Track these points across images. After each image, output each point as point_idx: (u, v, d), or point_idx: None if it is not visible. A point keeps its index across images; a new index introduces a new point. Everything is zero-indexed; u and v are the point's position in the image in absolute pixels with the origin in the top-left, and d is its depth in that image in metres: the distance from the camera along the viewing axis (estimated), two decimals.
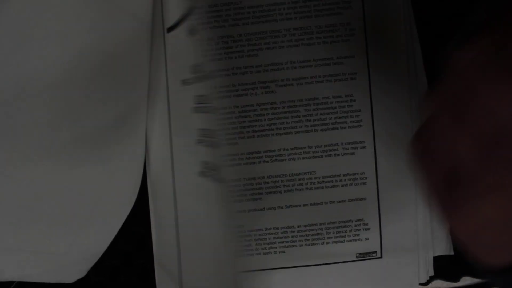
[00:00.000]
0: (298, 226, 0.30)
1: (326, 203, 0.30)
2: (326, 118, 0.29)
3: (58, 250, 0.28)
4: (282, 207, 0.30)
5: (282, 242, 0.30)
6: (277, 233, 0.30)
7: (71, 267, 0.29)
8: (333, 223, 0.30)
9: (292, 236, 0.30)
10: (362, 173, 0.29)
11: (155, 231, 0.30)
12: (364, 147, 0.29)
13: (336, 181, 0.29)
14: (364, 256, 0.29)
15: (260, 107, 0.29)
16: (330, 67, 0.29)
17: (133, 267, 0.31)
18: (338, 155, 0.29)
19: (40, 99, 0.24)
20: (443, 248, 0.31)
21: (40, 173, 0.25)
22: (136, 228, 0.30)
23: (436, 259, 0.30)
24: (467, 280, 0.31)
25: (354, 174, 0.29)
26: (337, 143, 0.29)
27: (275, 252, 0.30)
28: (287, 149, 0.29)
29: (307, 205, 0.30)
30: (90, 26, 0.24)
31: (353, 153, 0.29)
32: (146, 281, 0.31)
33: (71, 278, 0.29)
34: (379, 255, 0.30)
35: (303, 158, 0.29)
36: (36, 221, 0.26)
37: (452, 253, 0.31)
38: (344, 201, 0.30)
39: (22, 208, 0.26)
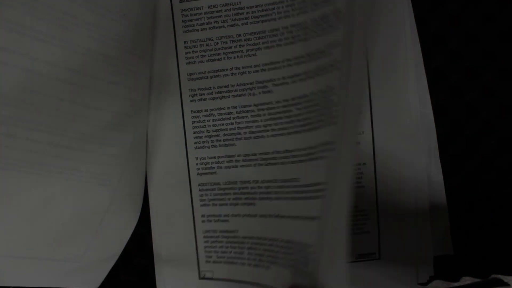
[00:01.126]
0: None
1: None
2: (311, 117, 0.28)
3: (70, 257, 0.28)
4: (271, 216, 0.29)
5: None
6: (265, 244, 0.29)
7: (85, 274, 0.29)
8: None
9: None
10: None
11: (155, 231, 0.30)
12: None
13: None
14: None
15: (257, 107, 0.29)
16: (322, 60, 0.27)
17: (133, 267, 0.32)
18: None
19: (45, 96, 0.24)
20: (443, 248, 0.31)
21: (48, 172, 0.25)
22: (136, 228, 0.31)
23: (436, 259, 0.30)
24: (467, 280, 0.31)
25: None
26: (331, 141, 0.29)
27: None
28: (279, 152, 0.29)
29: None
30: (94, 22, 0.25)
31: None
32: (146, 281, 0.31)
33: (84, 287, 0.30)
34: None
35: (292, 162, 0.29)
36: (47, 227, 0.27)
37: (452, 253, 0.31)
38: None
39: (33, 213, 0.26)
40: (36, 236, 0.27)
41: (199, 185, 0.30)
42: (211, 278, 0.30)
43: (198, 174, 0.30)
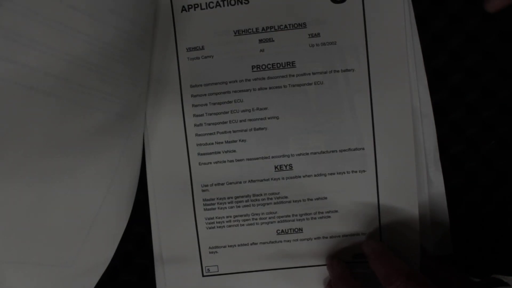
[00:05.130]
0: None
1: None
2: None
3: (61, 262, 0.28)
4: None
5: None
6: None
7: (77, 280, 0.29)
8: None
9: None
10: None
11: (155, 231, 0.30)
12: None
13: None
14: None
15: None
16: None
17: (133, 267, 0.32)
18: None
19: (43, 95, 0.23)
20: (443, 248, 0.31)
21: (41, 174, 0.25)
22: (136, 228, 0.31)
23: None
24: None
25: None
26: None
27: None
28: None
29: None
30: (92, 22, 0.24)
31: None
32: (146, 281, 0.31)
33: None
34: None
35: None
36: (38, 232, 0.26)
37: (452, 253, 0.31)
38: None
39: (24, 218, 0.25)
40: (28, 240, 0.26)
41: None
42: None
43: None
